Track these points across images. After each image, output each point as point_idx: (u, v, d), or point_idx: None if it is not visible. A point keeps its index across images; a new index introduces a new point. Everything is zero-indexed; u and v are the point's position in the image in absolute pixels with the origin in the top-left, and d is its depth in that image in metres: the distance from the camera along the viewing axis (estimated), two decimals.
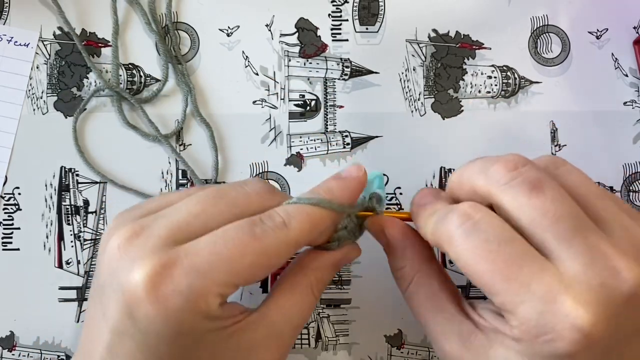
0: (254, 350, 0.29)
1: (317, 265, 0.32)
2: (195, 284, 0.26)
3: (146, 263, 0.26)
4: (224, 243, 0.27)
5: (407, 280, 0.32)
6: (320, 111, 0.43)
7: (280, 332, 0.30)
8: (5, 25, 0.42)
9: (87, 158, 0.41)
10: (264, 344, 0.29)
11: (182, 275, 0.26)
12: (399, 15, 0.44)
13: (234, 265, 0.27)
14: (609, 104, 0.43)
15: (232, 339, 0.29)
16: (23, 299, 0.40)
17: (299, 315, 0.31)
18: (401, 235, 0.33)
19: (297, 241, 0.29)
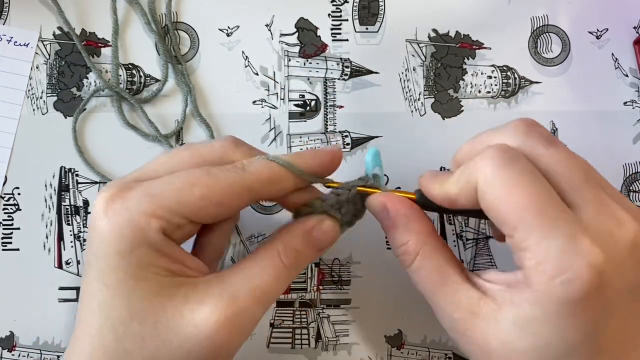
0: (200, 305, 0.28)
1: (285, 232, 0.32)
2: (142, 203, 0.28)
3: (107, 189, 0.29)
4: (178, 175, 0.29)
5: (413, 255, 0.31)
6: (320, 111, 0.43)
7: (235, 293, 0.29)
8: (5, 25, 0.42)
9: (87, 158, 0.41)
10: (213, 301, 0.28)
11: (133, 196, 0.28)
12: (399, 15, 0.44)
13: (183, 193, 0.28)
14: (609, 104, 0.43)
15: (180, 288, 0.28)
16: (23, 299, 0.40)
17: (259, 277, 0.29)
18: (404, 209, 0.32)
19: (251, 186, 0.29)
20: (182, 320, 0.28)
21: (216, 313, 0.28)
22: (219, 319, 0.28)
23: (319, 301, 0.41)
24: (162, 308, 0.28)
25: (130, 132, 0.41)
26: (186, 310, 0.28)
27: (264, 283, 0.29)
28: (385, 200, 0.32)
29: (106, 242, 0.28)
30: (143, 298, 0.28)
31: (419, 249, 0.31)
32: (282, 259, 0.30)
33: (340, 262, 0.41)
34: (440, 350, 0.41)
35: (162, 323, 0.28)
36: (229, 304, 0.28)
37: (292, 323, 0.40)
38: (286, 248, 0.31)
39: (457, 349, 0.40)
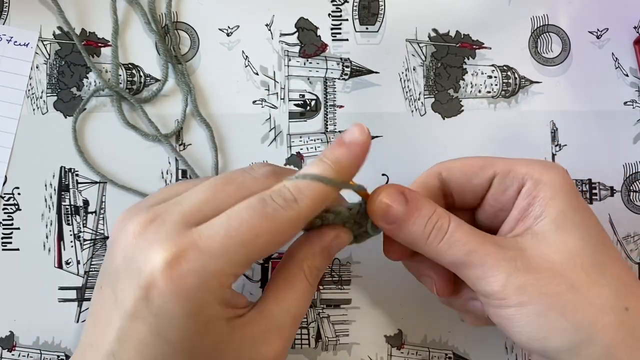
0: (256, 344, 0.29)
1: (307, 254, 0.32)
2: (210, 265, 0.27)
3: (164, 246, 0.27)
4: (237, 225, 0.28)
5: (445, 227, 0.31)
6: (320, 111, 0.43)
7: (281, 325, 0.30)
8: (5, 25, 0.42)
9: (87, 158, 0.41)
10: (265, 338, 0.30)
11: (197, 257, 0.27)
12: (399, 15, 0.44)
13: (248, 246, 0.28)
14: (609, 104, 0.43)
15: (235, 332, 0.29)
16: (23, 299, 0.40)
17: (297, 305, 0.31)
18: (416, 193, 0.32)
19: (306, 217, 0.29)
20: None
21: (271, 350, 0.30)
22: (274, 353, 0.30)
23: (319, 301, 0.41)
24: (221, 357, 0.29)
25: (130, 132, 0.41)
26: (243, 352, 0.29)
27: (302, 309, 0.31)
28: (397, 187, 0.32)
29: (172, 303, 0.27)
30: (207, 351, 0.28)
31: (449, 213, 0.31)
32: (309, 280, 0.32)
33: (340, 262, 0.41)
34: (440, 350, 0.41)
35: None
36: (278, 338, 0.30)
37: None
38: (311, 270, 0.32)
39: (457, 349, 0.40)
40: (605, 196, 0.42)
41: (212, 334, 0.28)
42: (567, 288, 0.29)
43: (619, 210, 0.42)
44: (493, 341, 0.41)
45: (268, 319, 0.30)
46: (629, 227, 0.42)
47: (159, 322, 0.27)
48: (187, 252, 0.27)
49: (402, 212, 0.31)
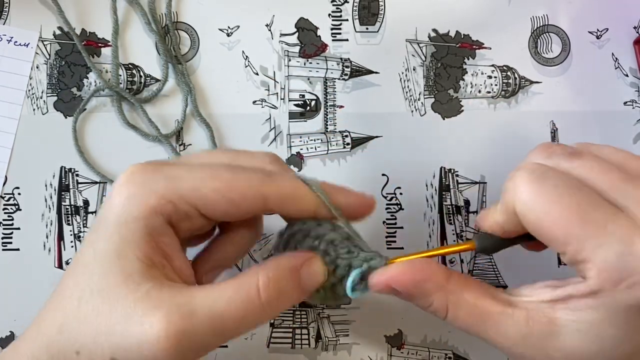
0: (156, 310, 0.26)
1: (271, 266, 0.28)
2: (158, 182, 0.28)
3: (137, 164, 0.29)
4: (203, 166, 0.29)
5: (443, 311, 0.29)
6: (320, 111, 0.43)
7: (192, 311, 0.26)
8: (5, 25, 0.42)
9: (87, 158, 0.41)
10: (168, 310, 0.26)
11: (153, 174, 0.28)
12: (399, 15, 0.44)
13: (199, 182, 0.28)
14: (609, 104, 0.43)
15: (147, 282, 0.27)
16: (23, 299, 0.40)
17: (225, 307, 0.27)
18: (408, 277, 0.29)
19: (269, 195, 0.29)
20: (133, 316, 0.26)
21: (164, 322, 0.26)
22: (165, 329, 0.25)
23: None
24: (124, 294, 0.27)
25: (130, 131, 0.41)
26: (140, 307, 0.26)
27: (227, 313, 0.27)
28: (385, 280, 0.29)
29: (111, 209, 0.28)
30: (115, 275, 0.27)
31: (446, 303, 0.29)
32: (261, 293, 0.27)
33: None
34: (440, 350, 0.41)
35: (118, 308, 0.27)
36: (182, 319, 0.26)
37: (292, 323, 0.40)
38: (269, 283, 0.28)
39: (457, 349, 0.40)
40: None
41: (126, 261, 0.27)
42: None
43: None
44: None
45: (186, 297, 0.27)
46: None
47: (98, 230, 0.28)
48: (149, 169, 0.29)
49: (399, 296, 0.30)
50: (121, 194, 0.28)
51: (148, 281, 0.27)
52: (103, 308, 0.27)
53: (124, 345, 0.26)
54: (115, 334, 0.26)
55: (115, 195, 0.28)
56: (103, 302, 0.27)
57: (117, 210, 0.28)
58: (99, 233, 0.28)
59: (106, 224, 0.28)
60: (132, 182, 0.28)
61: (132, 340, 0.26)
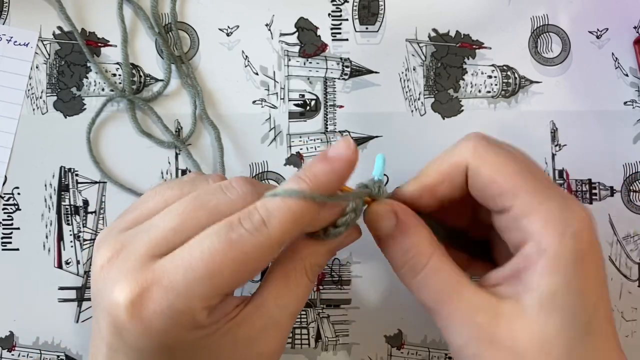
0: (252, 343, 0.28)
1: (312, 252, 0.30)
2: (177, 303, 0.25)
3: (125, 286, 0.26)
4: (199, 256, 0.26)
5: (427, 256, 0.29)
6: (320, 111, 0.43)
7: (278, 322, 0.29)
8: (5, 25, 0.42)
9: (102, 167, 0.41)
10: (262, 336, 0.29)
11: (161, 295, 0.26)
12: (399, 15, 0.44)
13: (214, 278, 0.26)
14: (609, 103, 0.43)
15: (228, 335, 0.28)
16: (23, 299, 0.40)
17: (295, 302, 0.30)
18: (413, 215, 0.30)
19: (279, 241, 0.27)
20: None
21: (268, 347, 0.29)
22: (272, 351, 0.29)
23: (319, 301, 0.41)
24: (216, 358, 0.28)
25: (129, 131, 0.41)
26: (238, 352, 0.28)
27: (300, 307, 0.30)
28: (392, 206, 0.31)
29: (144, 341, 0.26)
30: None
31: (432, 252, 0.29)
32: (309, 276, 0.30)
33: (340, 262, 0.41)
34: (440, 350, 0.41)
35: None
36: (275, 335, 0.29)
37: None
38: (312, 266, 0.30)
39: None
40: (605, 196, 0.42)
41: (199, 350, 0.27)
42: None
43: (618, 210, 0.42)
44: None
45: (265, 316, 0.29)
46: (629, 227, 0.42)
47: (138, 354, 0.27)
48: (150, 292, 0.26)
49: (389, 232, 0.30)
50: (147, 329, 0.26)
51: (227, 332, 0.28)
52: None
53: None
54: None
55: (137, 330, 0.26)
56: None
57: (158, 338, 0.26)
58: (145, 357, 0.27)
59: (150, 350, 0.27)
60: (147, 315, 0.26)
61: None
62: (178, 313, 0.26)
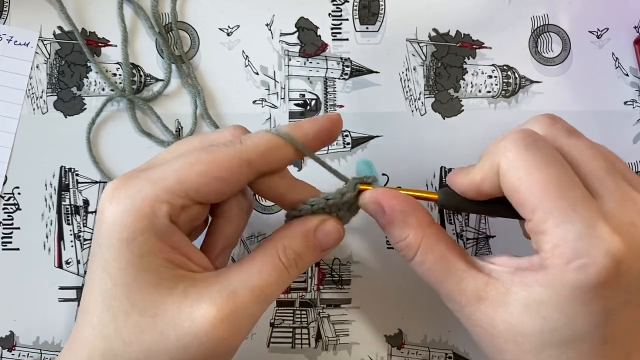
0: (199, 301, 0.28)
1: (285, 234, 0.31)
2: (144, 189, 0.28)
3: (115, 180, 0.29)
4: (179, 158, 0.29)
5: (414, 249, 0.31)
6: (321, 110, 0.43)
7: (234, 290, 0.28)
8: (5, 25, 0.42)
9: (101, 166, 0.41)
10: (211, 297, 0.28)
11: (136, 183, 0.28)
12: (399, 15, 0.44)
13: (182, 172, 0.28)
14: (609, 103, 0.43)
15: (180, 282, 0.28)
16: (23, 299, 0.40)
17: (259, 276, 0.29)
18: (400, 204, 0.31)
19: (250, 157, 0.29)
20: (181, 315, 0.27)
21: (214, 309, 0.27)
22: (217, 315, 0.27)
23: (319, 301, 0.41)
24: (161, 301, 0.28)
25: (129, 132, 0.41)
26: (185, 305, 0.28)
27: (263, 282, 0.29)
28: (378, 197, 0.31)
29: (110, 231, 0.28)
30: (143, 288, 0.28)
31: (420, 242, 0.31)
32: (282, 259, 0.30)
33: (340, 262, 0.41)
34: (440, 350, 0.41)
35: (161, 316, 0.28)
36: (228, 301, 0.28)
37: (292, 323, 0.40)
38: (286, 249, 0.30)
39: (457, 348, 0.40)
40: None
41: (149, 271, 0.28)
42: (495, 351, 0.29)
43: None
44: None
45: (221, 281, 0.29)
46: None
47: (103, 255, 0.28)
48: (130, 181, 0.29)
49: (380, 220, 0.32)
50: (113, 211, 0.28)
51: (180, 281, 0.28)
52: (145, 322, 0.27)
53: (180, 346, 0.27)
54: (168, 339, 0.27)
55: (108, 215, 0.28)
56: (142, 317, 0.28)
57: (117, 229, 0.28)
58: (106, 256, 0.28)
59: (110, 246, 0.28)
60: (118, 197, 0.28)
61: (188, 337, 0.27)
62: (142, 197, 0.28)
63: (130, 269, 0.28)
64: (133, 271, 0.28)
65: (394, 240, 0.32)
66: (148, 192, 0.28)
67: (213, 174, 0.29)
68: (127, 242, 0.28)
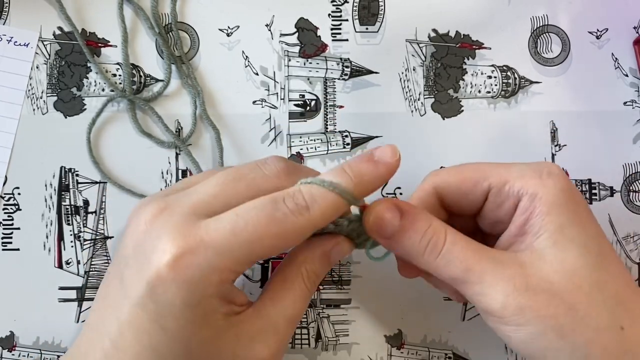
0: (252, 342, 0.30)
1: (306, 257, 0.32)
2: (214, 260, 0.27)
3: (172, 237, 0.28)
4: (244, 224, 0.28)
5: (443, 232, 0.30)
6: (320, 111, 0.43)
7: (276, 325, 0.30)
8: (5, 25, 0.42)
9: (102, 168, 0.41)
10: (260, 337, 0.30)
11: (202, 251, 0.27)
12: (399, 15, 0.44)
13: (253, 246, 0.28)
14: (609, 104, 0.43)
15: (232, 328, 0.29)
16: (23, 299, 0.40)
17: (292, 307, 0.31)
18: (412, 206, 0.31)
19: (316, 225, 0.29)
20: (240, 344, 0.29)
21: (266, 349, 0.30)
22: (268, 352, 0.30)
23: (319, 301, 0.41)
24: (217, 352, 0.29)
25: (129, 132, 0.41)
26: (238, 349, 0.29)
27: (298, 311, 0.31)
28: (391, 201, 0.31)
29: (173, 293, 0.27)
30: (203, 343, 0.28)
31: (445, 226, 0.31)
32: (307, 283, 0.32)
33: (340, 262, 0.41)
34: (440, 350, 0.41)
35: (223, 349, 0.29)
36: (273, 338, 0.30)
37: None
38: (309, 273, 0.32)
39: (457, 348, 0.40)
40: (605, 196, 0.42)
41: (209, 327, 0.28)
42: (565, 310, 0.28)
43: (618, 210, 0.42)
44: (493, 341, 0.40)
45: (264, 318, 0.30)
46: (628, 227, 0.42)
47: (159, 310, 0.28)
48: (193, 246, 0.27)
49: (396, 226, 0.31)
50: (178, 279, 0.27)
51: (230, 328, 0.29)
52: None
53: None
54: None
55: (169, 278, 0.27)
56: None
57: (181, 294, 0.27)
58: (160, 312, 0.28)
59: (170, 305, 0.27)
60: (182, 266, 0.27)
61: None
62: (212, 269, 0.27)
63: (191, 327, 0.28)
64: (194, 329, 0.28)
65: (417, 237, 0.30)
66: (217, 263, 0.28)
67: (282, 246, 0.29)
68: (192, 306, 0.28)
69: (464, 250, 0.30)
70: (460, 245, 0.30)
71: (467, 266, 0.30)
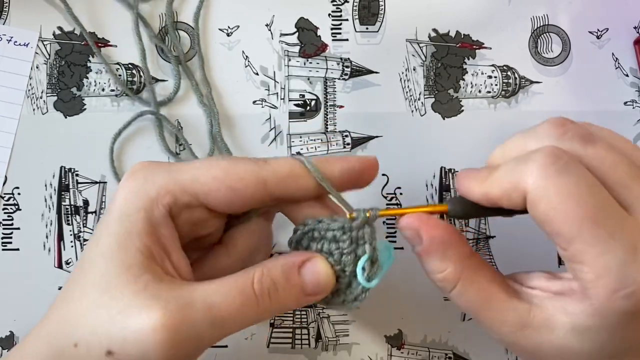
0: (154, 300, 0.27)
1: (267, 264, 0.29)
2: (159, 175, 0.29)
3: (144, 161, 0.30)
4: (202, 161, 0.30)
5: (452, 282, 0.29)
6: (320, 111, 0.43)
7: (190, 303, 0.27)
8: (5, 25, 0.42)
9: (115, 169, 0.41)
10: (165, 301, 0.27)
11: (156, 169, 0.29)
12: (399, 15, 0.44)
13: (198, 172, 0.29)
14: (609, 104, 0.43)
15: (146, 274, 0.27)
16: (23, 299, 0.40)
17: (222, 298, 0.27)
18: (441, 234, 0.29)
19: (267, 178, 0.29)
20: (133, 306, 0.26)
21: (161, 313, 0.26)
22: (162, 319, 0.26)
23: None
24: (124, 285, 0.27)
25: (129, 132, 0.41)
26: (140, 297, 0.26)
27: (224, 305, 0.27)
28: (416, 224, 0.29)
29: (114, 204, 0.29)
30: (117, 266, 0.27)
31: (459, 276, 0.29)
32: (255, 285, 0.28)
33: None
34: (440, 350, 0.41)
35: (117, 299, 0.27)
36: (180, 310, 0.26)
37: (292, 323, 0.40)
38: (263, 275, 0.28)
39: (457, 348, 0.40)
40: None
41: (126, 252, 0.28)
42: None
43: None
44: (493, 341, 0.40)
45: (183, 289, 0.27)
46: None
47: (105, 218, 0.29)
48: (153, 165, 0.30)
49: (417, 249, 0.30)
50: (124, 188, 0.29)
51: (147, 273, 0.27)
52: (103, 299, 0.27)
53: (121, 336, 0.26)
54: (114, 324, 0.27)
55: (119, 191, 0.29)
56: (103, 294, 0.27)
57: (120, 205, 0.29)
58: (102, 228, 0.29)
59: (109, 218, 0.29)
60: (134, 177, 0.29)
61: (130, 330, 0.26)
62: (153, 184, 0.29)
63: (114, 245, 0.28)
64: (115, 247, 0.28)
65: (430, 271, 0.30)
66: (161, 178, 0.29)
67: (226, 181, 0.29)
68: (121, 217, 0.28)
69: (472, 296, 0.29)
70: (470, 291, 0.29)
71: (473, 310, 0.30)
